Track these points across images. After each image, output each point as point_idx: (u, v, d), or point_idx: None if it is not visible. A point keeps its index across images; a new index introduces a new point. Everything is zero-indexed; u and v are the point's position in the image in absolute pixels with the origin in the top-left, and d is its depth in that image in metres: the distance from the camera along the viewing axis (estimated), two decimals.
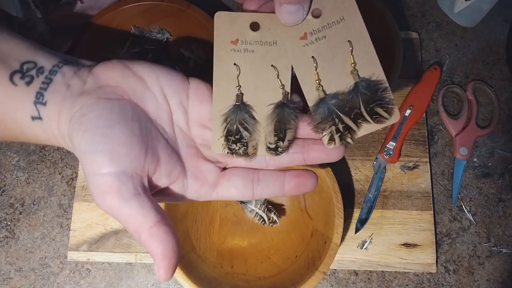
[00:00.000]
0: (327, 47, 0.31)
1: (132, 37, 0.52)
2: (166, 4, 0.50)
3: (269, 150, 0.31)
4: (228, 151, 0.31)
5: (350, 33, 0.31)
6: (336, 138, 0.30)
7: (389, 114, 0.30)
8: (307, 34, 0.31)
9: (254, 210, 0.46)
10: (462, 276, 0.48)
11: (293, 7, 0.29)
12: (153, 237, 0.25)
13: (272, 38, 0.31)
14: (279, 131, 0.31)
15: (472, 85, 0.54)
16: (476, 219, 0.50)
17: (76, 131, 0.26)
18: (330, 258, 0.41)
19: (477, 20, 0.57)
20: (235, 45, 0.31)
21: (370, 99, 0.30)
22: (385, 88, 0.30)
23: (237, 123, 0.31)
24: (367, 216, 0.49)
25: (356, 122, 0.31)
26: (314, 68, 0.30)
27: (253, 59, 0.31)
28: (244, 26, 0.31)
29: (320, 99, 0.31)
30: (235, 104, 0.31)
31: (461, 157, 0.51)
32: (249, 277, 0.44)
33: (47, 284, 0.48)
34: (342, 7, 0.30)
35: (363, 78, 0.31)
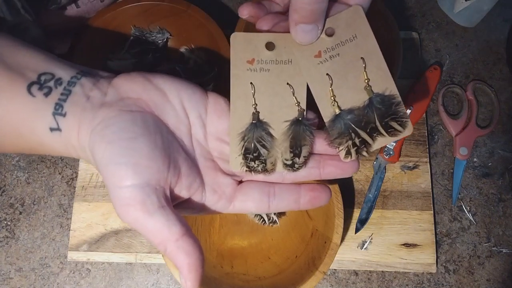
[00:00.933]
0: (341, 64, 0.31)
1: (132, 37, 0.52)
2: (166, 4, 0.50)
3: (286, 166, 0.32)
4: (246, 168, 0.31)
5: (362, 50, 0.32)
6: (352, 152, 0.31)
7: (403, 127, 0.31)
8: (321, 52, 0.31)
9: None
10: (462, 276, 0.48)
11: (308, 27, 0.30)
12: (179, 250, 0.25)
13: (287, 57, 0.32)
14: (294, 147, 0.31)
15: (472, 85, 0.54)
16: (476, 219, 0.50)
17: (98, 143, 0.26)
18: (330, 258, 0.41)
19: (477, 20, 0.57)
20: (251, 65, 0.32)
21: (385, 113, 0.31)
22: (399, 103, 0.31)
23: (254, 141, 0.31)
24: (367, 216, 0.49)
25: (372, 136, 0.31)
26: (329, 85, 0.31)
27: (269, 78, 0.32)
28: (260, 46, 0.32)
29: (336, 115, 0.31)
30: (251, 122, 0.32)
31: (461, 157, 0.51)
32: (249, 277, 0.44)
33: (47, 284, 0.48)
34: (354, 26, 0.32)
35: (377, 93, 0.31)
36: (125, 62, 0.52)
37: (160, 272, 0.48)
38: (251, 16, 0.33)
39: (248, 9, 0.33)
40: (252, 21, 0.34)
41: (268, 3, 0.34)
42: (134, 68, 0.52)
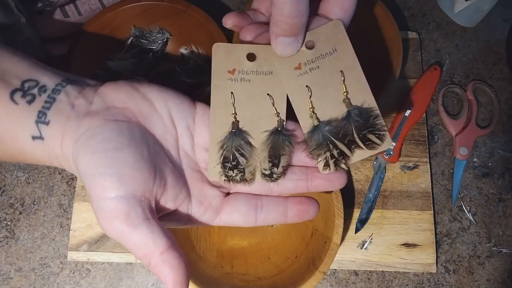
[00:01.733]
0: (321, 76, 0.32)
1: (132, 37, 0.52)
2: (166, 4, 0.50)
3: (264, 176, 0.32)
4: (225, 178, 0.31)
5: (342, 63, 0.32)
6: (331, 164, 0.31)
7: (381, 140, 0.32)
8: (301, 64, 0.32)
9: None
10: (462, 276, 0.48)
11: (288, 40, 0.30)
12: (164, 263, 0.25)
13: (268, 68, 0.32)
14: (273, 157, 0.31)
15: (472, 85, 0.54)
16: (476, 219, 0.50)
17: (82, 153, 0.25)
18: (330, 258, 0.41)
19: (477, 20, 0.57)
20: (232, 75, 0.32)
21: (363, 126, 0.32)
22: (377, 115, 0.32)
23: (233, 150, 0.31)
24: (367, 216, 0.49)
25: (350, 148, 0.32)
26: (308, 96, 0.32)
27: (250, 88, 0.32)
28: (241, 57, 0.32)
29: (315, 126, 0.32)
30: (231, 131, 0.32)
31: (461, 157, 0.51)
32: (249, 277, 0.44)
33: (47, 284, 0.48)
34: (334, 39, 0.32)
35: (355, 106, 0.32)
36: (125, 62, 0.52)
37: None
38: (235, 26, 0.33)
39: (232, 19, 0.33)
40: (236, 30, 0.34)
41: (253, 13, 0.35)
42: (134, 68, 0.52)
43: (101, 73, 0.51)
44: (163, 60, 0.53)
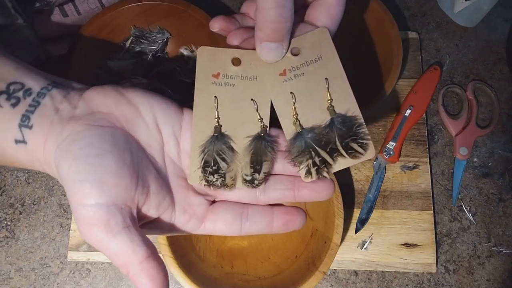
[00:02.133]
0: (305, 83, 0.32)
1: (132, 37, 0.52)
2: (166, 4, 0.50)
3: (246, 182, 0.31)
4: (205, 182, 0.31)
5: (327, 70, 0.32)
6: (313, 172, 0.31)
7: (364, 149, 0.31)
8: (286, 70, 0.32)
9: None
10: (462, 276, 0.48)
11: (272, 45, 0.30)
12: (143, 273, 0.24)
13: (252, 73, 0.32)
14: (255, 163, 0.31)
15: (472, 85, 0.54)
16: (476, 219, 0.50)
17: (64, 158, 0.25)
18: (330, 258, 0.41)
19: (477, 20, 0.57)
20: (217, 79, 0.32)
21: (346, 134, 0.31)
22: (360, 124, 0.31)
23: (214, 154, 0.31)
24: (367, 216, 0.49)
25: (332, 156, 0.31)
26: (292, 103, 0.32)
27: (234, 93, 0.32)
28: (226, 61, 0.32)
29: (297, 133, 0.31)
30: (213, 135, 0.31)
31: (461, 157, 0.51)
32: (249, 277, 0.44)
33: (47, 284, 0.48)
34: (320, 47, 0.32)
35: (339, 114, 0.32)
36: (125, 62, 0.52)
37: None
38: (222, 30, 0.33)
39: (219, 23, 0.33)
40: (223, 34, 0.34)
41: (242, 17, 0.34)
42: (134, 68, 0.52)
43: (101, 73, 0.51)
44: (163, 60, 0.53)
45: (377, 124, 0.53)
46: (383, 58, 0.50)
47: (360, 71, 0.53)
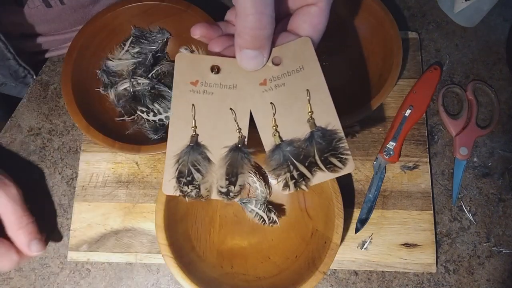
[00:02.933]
0: (286, 94, 0.31)
1: (132, 37, 0.52)
2: (166, 4, 0.50)
3: (221, 194, 0.31)
4: (180, 193, 0.31)
5: (308, 82, 0.31)
6: (290, 185, 0.31)
7: (343, 164, 0.31)
8: (266, 80, 0.31)
9: (254, 210, 0.46)
10: (462, 276, 0.48)
11: (252, 53, 0.30)
12: None
13: (232, 82, 0.31)
14: (230, 175, 0.31)
15: (472, 85, 0.54)
16: (476, 219, 0.50)
17: None
18: (330, 258, 0.41)
19: (477, 20, 0.57)
20: (195, 86, 0.31)
21: (325, 148, 0.31)
22: (340, 138, 0.31)
23: (189, 164, 0.30)
24: (367, 216, 0.49)
25: (311, 170, 0.31)
26: (272, 114, 0.31)
27: (212, 101, 0.31)
28: (205, 68, 0.31)
29: (276, 146, 0.31)
30: (189, 145, 0.31)
31: (461, 157, 0.51)
32: (249, 277, 0.44)
33: (47, 284, 0.48)
34: (302, 57, 0.31)
35: (319, 127, 0.31)
36: (125, 62, 0.52)
37: (160, 272, 0.48)
38: (203, 37, 0.33)
39: (200, 30, 0.32)
40: (204, 41, 0.33)
41: (225, 25, 0.34)
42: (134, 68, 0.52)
43: (101, 73, 0.51)
44: (163, 60, 0.53)
45: (377, 124, 0.53)
46: (383, 58, 0.50)
47: (360, 71, 0.53)
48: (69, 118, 0.53)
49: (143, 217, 0.50)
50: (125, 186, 0.51)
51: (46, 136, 0.53)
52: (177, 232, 0.44)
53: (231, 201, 0.31)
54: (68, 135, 0.53)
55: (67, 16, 0.51)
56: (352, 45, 0.53)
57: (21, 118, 0.54)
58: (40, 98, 0.55)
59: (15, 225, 0.42)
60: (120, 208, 0.50)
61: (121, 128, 0.50)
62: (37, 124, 0.54)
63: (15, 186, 0.43)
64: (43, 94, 0.55)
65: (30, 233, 0.43)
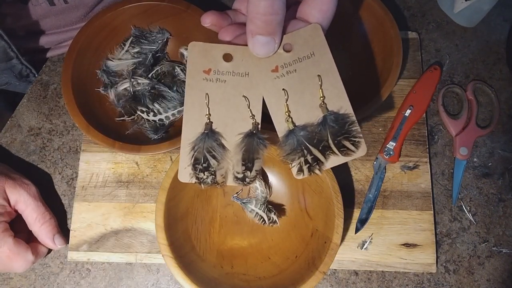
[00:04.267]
0: (298, 80, 0.32)
1: (132, 37, 0.52)
2: (166, 4, 0.50)
3: (237, 179, 0.31)
4: (196, 180, 0.31)
5: (319, 67, 0.32)
6: (304, 169, 0.31)
7: (356, 147, 0.31)
8: (278, 67, 0.32)
9: (254, 210, 0.46)
10: (462, 276, 0.48)
11: (264, 39, 0.30)
12: None
13: (244, 69, 0.32)
14: (247, 160, 0.31)
15: (472, 85, 0.54)
16: (476, 219, 0.50)
17: None
18: (330, 258, 0.41)
19: (477, 20, 0.57)
20: (208, 75, 0.32)
21: (338, 132, 0.31)
22: (353, 122, 0.32)
23: (204, 151, 0.31)
24: (367, 216, 0.49)
25: (324, 154, 0.31)
26: (285, 100, 0.31)
27: (225, 89, 0.32)
28: (218, 57, 0.32)
29: (289, 131, 0.31)
30: (203, 132, 0.31)
31: (461, 157, 0.51)
32: (249, 277, 0.44)
33: (47, 284, 0.48)
34: (312, 43, 0.32)
35: (332, 112, 0.32)
36: (125, 62, 0.52)
37: (160, 272, 0.48)
38: (213, 25, 0.33)
39: (210, 18, 0.32)
40: (214, 29, 0.34)
41: (234, 13, 0.34)
42: (134, 68, 0.52)
43: (101, 73, 0.51)
44: (163, 60, 0.53)
45: (377, 124, 0.53)
46: (383, 58, 0.50)
47: (360, 71, 0.53)
48: (69, 118, 0.53)
49: (143, 217, 0.50)
50: (125, 186, 0.51)
51: (46, 136, 0.53)
52: (177, 232, 0.44)
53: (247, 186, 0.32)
54: (68, 135, 0.53)
55: (70, 14, 0.52)
56: (352, 45, 0.53)
57: (21, 118, 0.54)
58: (40, 98, 0.55)
59: (39, 221, 0.44)
60: (120, 208, 0.50)
61: (121, 128, 0.50)
62: (37, 124, 0.54)
63: (34, 185, 0.46)
64: (43, 94, 0.55)
65: (53, 227, 0.45)
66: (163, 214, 0.42)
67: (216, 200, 0.49)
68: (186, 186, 0.45)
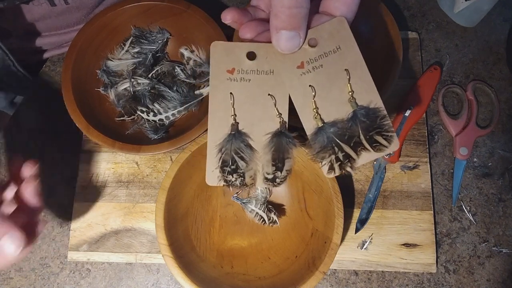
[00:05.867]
0: (324, 75, 0.31)
1: (132, 37, 0.52)
2: (166, 4, 0.50)
3: (267, 180, 0.31)
4: (224, 183, 0.30)
5: (346, 61, 0.31)
6: (336, 167, 0.30)
7: (388, 142, 0.30)
8: (304, 63, 0.31)
9: (254, 210, 0.46)
10: (462, 276, 0.48)
11: (289, 34, 0.29)
12: None
13: (269, 67, 0.31)
14: (277, 160, 0.30)
15: (472, 85, 0.54)
16: (476, 219, 0.50)
17: None
18: (330, 258, 0.41)
19: (477, 20, 0.57)
20: (231, 74, 0.31)
21: (370, 127, 0.30)
22: (384, 116, 0.30)
23: (232, 153, 0.30)
24: (367, 216, 0.49)
25: (356, 151, 0.30)
26: (312, 96, 0.31)
27: (250, 88, 0.31)
28: (241, 55, 0.31)
29: (319, 128, 0.30)
30: (230, 133, 0.30)
31: (461, 157, 0.51)
32: (249, 277, 0.44)
33: (47, 284, 0.48)
34: (338, 37, 0.31)
35: (361, 106, 0.30)
36: (125, 62, 0.52)
37: (160, 272, 0.48)
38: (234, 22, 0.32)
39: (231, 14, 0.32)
40: (235, 26, 0.33)
41: (253, 10, 0.34)
42: (134, 68, 0.52)
43: (101, 73, 0.51)
44: (163, 60, 0.53)
45: None
46: (383, 58, 0.50)
47: None
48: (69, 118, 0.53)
49: (143, 217, 0.50)
50: (125, 186, 0.51)
51: (46, 136, 0.53)
52: (177, 232, 0.44)
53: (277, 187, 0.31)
54: (68, 135, 0.53)
55: (70, 15, 0.52)
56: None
57: (21, 118, 0.54)
58: (40, 98, 0.54)
59: None
60: (120, 208, 0.50)
61: (121, 128, 0.50)
62: (37, 124, 0.54)
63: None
64: (43, 94, 0.55)
65: None
66: (163, 214, 0.42)
67: (216, 200, 0.49)
68: (186, 186, 0.45)
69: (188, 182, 0.45)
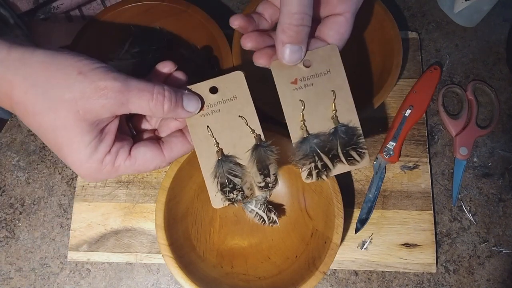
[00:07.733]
0: (314, 93, 0.35)
1: (132, 37, 0.52)
2: (166, 4, 0.50)
3: (261, 188, 0.35)
4: (228, 202, 0.35)
5: (334, 84, 0.35)
6: (314, 174, 0.35)
7: (361, 158, 0.35)
8: (297, 80, 0.35)
9: (254, 210, 0.46)
10: (462, 276, 0.48)
11: (295, 47, 0.33)
12: None
13: (231, 94, 0.35)
14: (262, 169, 0.35)
15: (472, 85, 0.54)
16: (476, 219, 0.50)
17: None
18: (330, 258, 0.41)
19: (477, 20, 0.57)
20: (203, 111, 0.35)
21: (347, 143, 0.35)
22: (360, 135, 0.35)
23: (226, 174, 0.35)
24: (367, 216, 0.49)
25: (333, 162, 0.35)
26: (301, 110, 0.35)
27: (222, 117, 0.35)
28: (205, 92, 0.35)
29: (304, 138, 0.35)
30: (218, 159, 0.35)
31: (461, 157, 0.51)
32: (249, 277, 0.44)
33: (47, 284, 0.48)
34: (329, 61, 0.35)
35: (342, 124, 0.35)
36: (125, 62, 0.51)
37: (160, 272, 0.48)
38: (241, 28, 0.36)
39: (238, 20, 0.35)
40: (241, 31, 0.37)
41: (258, 17, 0.37)
42: (134, 68, 0.52)
43: None
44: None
45: (377, 124, 0.53)
46: (383, 58, 0.50)
47: (360, 71, 0.53)
48: None
49: (143, 217, 0.50)
50: (125, 186, 0.51)
51: None
52: (177, 232, 0.44)
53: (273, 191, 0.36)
54: None
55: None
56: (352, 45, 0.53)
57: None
58: None
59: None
60: (120, 208, 0.50)
61: None
62: None
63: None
64: None
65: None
66: (163, 214, 0.42)
67: None
68: (186, 186, 0.45)
69: (188, 182, 0.45)
